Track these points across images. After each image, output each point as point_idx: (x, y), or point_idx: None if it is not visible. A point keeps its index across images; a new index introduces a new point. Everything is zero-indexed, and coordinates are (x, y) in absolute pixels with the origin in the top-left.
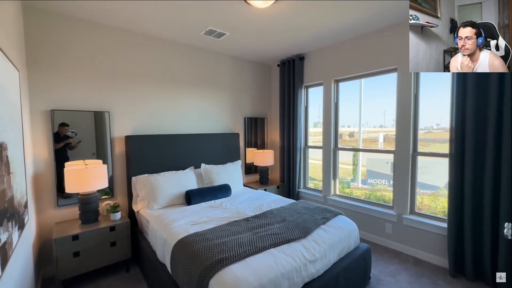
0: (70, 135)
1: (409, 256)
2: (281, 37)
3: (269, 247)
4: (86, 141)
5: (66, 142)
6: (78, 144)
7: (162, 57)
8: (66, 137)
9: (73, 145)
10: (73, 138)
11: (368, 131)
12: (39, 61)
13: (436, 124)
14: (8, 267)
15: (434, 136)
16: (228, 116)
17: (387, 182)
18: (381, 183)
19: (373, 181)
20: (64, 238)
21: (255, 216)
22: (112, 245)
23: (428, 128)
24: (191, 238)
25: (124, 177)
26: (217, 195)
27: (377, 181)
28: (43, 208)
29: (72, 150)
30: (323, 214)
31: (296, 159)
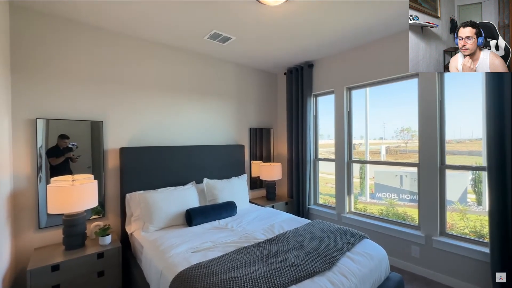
0: (71, 148)
1: (443, 285)
2: (290, 42)
3: (290, 284)
4: (82, 153)
5: (67, 156)
6: (78, 158)
7: (162, 63)
8: (67, 149)
9: (75, 158)
10: (75, 151)
11: (371, 143)
12: (26, 65)
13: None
14: None
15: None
16: (232, 127)
17: (397, 196)
18: (390, 197)
19: (382, 195)
20: (41, 269)
21: (267, 241)
22: (99, 275)
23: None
24: (193, 272)
25: (117, 194)
26: (222, 214)
27: (386, 195)
28: (21, 231)
29: (75, 163)
30: (346, 238)
31: (306, 173)
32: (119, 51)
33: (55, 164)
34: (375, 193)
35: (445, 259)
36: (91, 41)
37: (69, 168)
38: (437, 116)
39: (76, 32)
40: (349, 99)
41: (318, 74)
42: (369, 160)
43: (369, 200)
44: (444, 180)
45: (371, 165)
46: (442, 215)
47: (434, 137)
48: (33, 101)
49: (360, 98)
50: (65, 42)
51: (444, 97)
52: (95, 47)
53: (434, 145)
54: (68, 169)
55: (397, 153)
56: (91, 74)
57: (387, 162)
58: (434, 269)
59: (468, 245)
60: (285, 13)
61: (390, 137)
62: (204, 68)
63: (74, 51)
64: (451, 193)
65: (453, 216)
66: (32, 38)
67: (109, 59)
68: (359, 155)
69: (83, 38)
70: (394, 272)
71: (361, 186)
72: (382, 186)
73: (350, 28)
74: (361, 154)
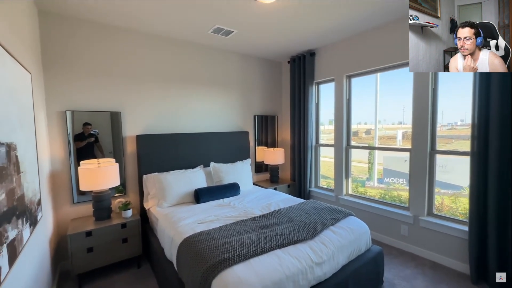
0: (94, 133)
1: (426, 260)
2: (290, 32)
3: (274, 248)
4: (104, 140)
5: (89, 141)
6: (98, 143)
7: (171, 57)
8: (91, 135)
9: (100, 143)
10: (97, 136)
11: (386, 128)
12: (55, 64)
13: (461, 120)
14: (17, 262)
15: (458, 133)
16: (238, 115)
17: (405, 181)
18: (399, 182)
19: (390, 180)
20: (78, 234)
21: (262, 216)
22: (124, 241)
23: (451, 124)
24: (196, 237)
25: (136, 175)
26: (226, 194)
27: (394, 180)
28: (60, 205)
29: (99, 149)
30: (332, 215)
31: (307, 158)
32: (134, 47)
33: (79, 147)
34: (383, 178)
35: (430, 236)
36: (109, 39)
37: (92, 152)
38: (429, 103)
39: (96, 32)
40: (349, 86)
41: (320, 62)
42: (376, 146)
43: (377, 185)
44: (434, 164)
45: (380, 151)
46: (430, 196)
47: (425, 124)
48: (62, 95)
49: (372, 83)
50: (87, 42)
51: (437, 85)
52: (112, 44)
53: (425, 131)
54: (91, 153)
55: None
56: (110, 69)
57: (381, 147)
58: (420, 246)
59: (451, 224)
60: (283, 7)
61: (410, 122)
62: (210, 59)
63: (95, 50)
64: (462, 179)
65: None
66: (58, 40)
67: (125, 55)
68: (373, 140)
69: (102, 37)
70: (375, 245)
71: (369, 171)
72: (390, 171)
73: (349, 17)
74: (373, 139)
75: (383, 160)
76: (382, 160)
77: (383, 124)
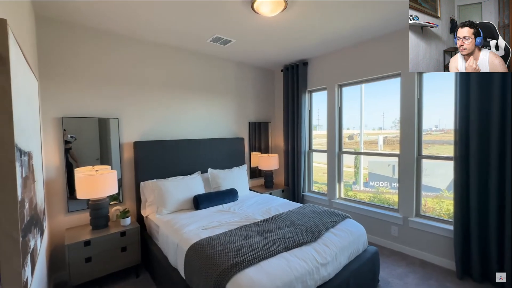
0: (69, 140)
1: (416, 258)
2: (286, 43)
3: (282, 251)
4: (90, 147)
5: (66, 147)
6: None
7: (169, 64)
8: (66, 142)
9: (73, 150)
10: (73, 142)
11: (368, 133)
12: (51, 70)
13: (435, 126)
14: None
15: (433, 138)
16: (233, 121)
17: (389, 184)
18: (383, 185)
19: (375, 184)
20: (76, 244)
21: (264, 220)
22: (122, 250)
23: (427, 130)
24: (204, 243)
25: (132, 183)
26: (225, 200)
27: (379, 184)
28: (54, 214)
29: (73, 155)
30: (331, 218)
31: (301, 163)
32: (132, 54)
33: None
34: (368, 182)
35: (419, 236)
36: (107, 46)
37: (67, 159)
38: (415, 112)
39: (94, 39)
40: (340, 95)
41: (312, 72)
42: (362, 151)
43: (363, 188)
44: (421, 168)
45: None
46: (418, 199)
47: (412, 131)
48: (58, 102)
49: (357, 91)
50: (84, 48)
51: (422, 94)
52: (110, 52)
53: (412, 138)
54: (67, 159)
55: (394, 143)
56: (107, 76)
57: (371, 152)
58: (409, 246)
59: (437, 224)
60: (281, 19)
61: (389, 127)
62: (206, 67)
63: (93, 56)
64: (440, 182)
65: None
66: (55, 45)
67: (122, 62)
68: (356, 145)
69: (100, 44)
70: (371, 246)
71: (355, 175)
72: (375, 175)
73: (342, 31)
74: (358, 144)
75: (368, 165)
76: (367, 165)
77: (365, 130)
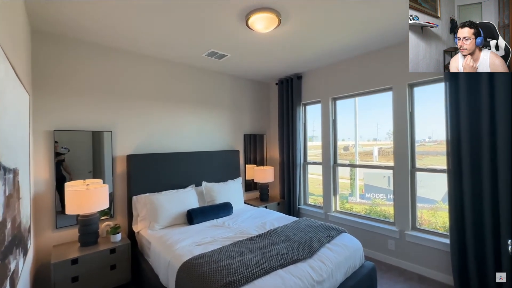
0: (62, 152)
1: (414, 273)
2: (280, 57)
3: (276, 268)
4: (82, 160)
5: (58, 159)
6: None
7: (164, 77)
8: (58, 154)
9: (66, 162)
10: (66, 154)
11: (363, 144)
12: (44, 83)
13: (428, 137)
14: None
15: (427, 149)
16: (228, 133)
17: (385, 196)
18: (379, 197)
19: (371, 195)
20: (63, 262)
21: (259, 236)
22: (112, 268)
23: (420, 141)
24: (196, 260)
25: (124, 197)
26: (219, 214)
27: (375, 195)
28: (41, 230)
29: (66, 168)
30: (327, 232)
31: (296, 175)
32: (127, 67)
33: None
34: (364, 194)
35: (416, 250)
36: (100, 59)
37: (60, 170)
38: (408, 125)
39: (87, 52)
40: (334, 108)
41: (306, 85)
42: (358, 164)
43: (359, 200)
44: (415, 181)
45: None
46: (413, 212)
47: (405, 144)
48: (50, 115)
49: (351, 103)
50: (77, 61)
51: (414, 108)
52: (103, 65)
53: (405, 151)
54: (60, 173)
55: (389, 154)
56: (101, 89)
57: (365, 165)
58: (406, 260)
59: (434, 237)
60: (275, 35)
61: (384, 138)
62: (202, 80)
63: (86, 69)
64: (435, 193)
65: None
66: (49, 59)
67: (117, 75)
68: (352, 156)
69: (93, 57)
70: (368, 261)
71: (351, 187)
72: (371, 187)
73: (335, 47)
74: (353, 155)
75: (364, 176)
76: (363, 176)
77: (360, 141)
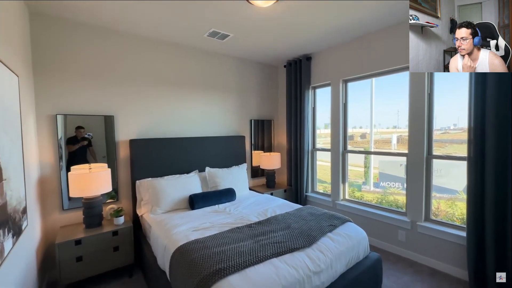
0: (88, 137)
1: (424, 266)
2: (286, 36)
3: (271, 257)
4: (97, 145)
5: (82, 144)
6: (92, 147)
7: (167, 60)
8: (84, 139)
9: (93, 147)
10: (90, 140)
11: (381, 132)
12: (46, 67)
13: (454, 124)
14: None
15: (451, 137)
16: (234, 119)
17: (401, 185)
18: (395, 186)
19: (386, 184)
20: (67, 243)
21: (258, 223)
22: (115, 249)
23: (445, 129)
24: (190, 246)
25: (129, 181)
26: (221, 200)
27: (390, 184)
28: (49, 212)
29: (92, 153)
30: (330, 221)
31: (304, 162)
32: (128, 50)
33: (71, 151)
34: (379, 182)
35: (428, 242)
36: (103, 42)
37: (85, 156)
38: (425, 108)
39: (89, 35)
40: (345, 91)
41: (316, 67)
42: (370, 150)
43: (373, 189)
44: (431, 169)
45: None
46: (427, 202)
47: (422, 128)
48: (53, 99)
49: (367, 87)
50: (79, 45)
51: (433, 90)
52: (105, 47)
53: (421, 137)
54: (84, 158)
55: None
56: (103, 73)
57: (377, 152)
58: (418, 252)
59: (448, 229)
60: (279, 11)
61: (404, 126)
62: (206, 63)
63: (88, 52)
64: (457, 183)
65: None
66: (50, 42)
67: (119, 58)
68: (368, 144)
69: (96, 39)
70: (374, 252)
71: (365, 175)
72: (386, 175)
73: (346, 21)
74: (369, 143)
75: (379, 164)
76: (378, 164)
77: (378, 128)
